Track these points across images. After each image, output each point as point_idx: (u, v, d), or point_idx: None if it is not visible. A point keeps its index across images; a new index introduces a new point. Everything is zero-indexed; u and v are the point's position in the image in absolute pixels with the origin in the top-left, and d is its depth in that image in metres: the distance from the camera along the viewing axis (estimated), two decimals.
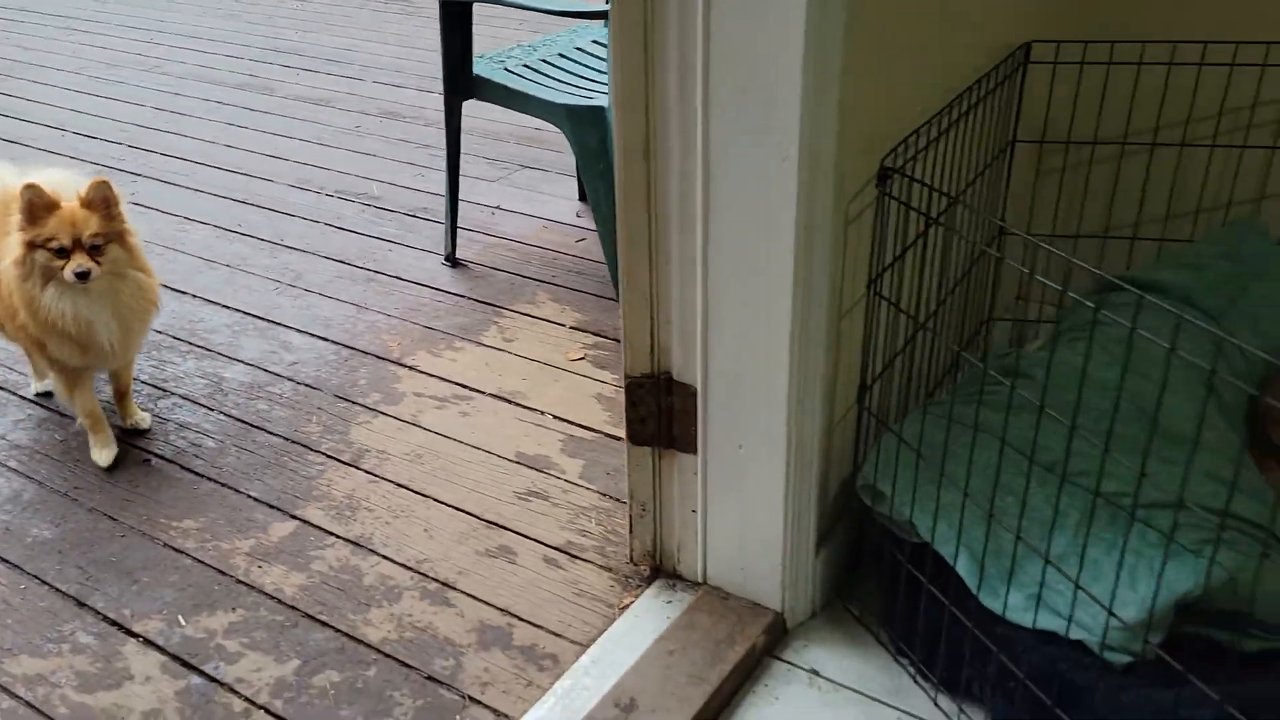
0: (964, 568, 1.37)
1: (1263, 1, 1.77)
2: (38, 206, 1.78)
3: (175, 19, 5.43)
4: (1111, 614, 1.24)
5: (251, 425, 2.08)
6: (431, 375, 2.23)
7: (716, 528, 1.54)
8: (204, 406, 2.14)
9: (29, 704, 1.48)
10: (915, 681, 1.45)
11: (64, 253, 1.79)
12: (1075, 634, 1.30)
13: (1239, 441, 1.54)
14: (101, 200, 1.83)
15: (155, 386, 2.21)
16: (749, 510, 1.49)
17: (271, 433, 2.06)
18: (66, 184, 1.88)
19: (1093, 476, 1.31)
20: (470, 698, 1.47)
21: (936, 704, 1.41)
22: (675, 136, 1.31)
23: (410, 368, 2.27)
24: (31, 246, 1.80)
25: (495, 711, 1.45)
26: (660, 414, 1.50)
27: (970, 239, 1.75)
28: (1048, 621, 1.32)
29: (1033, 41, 1.81)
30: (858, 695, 1.44)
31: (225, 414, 2.11)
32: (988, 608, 1.35)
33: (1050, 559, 1.29)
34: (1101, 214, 1.96)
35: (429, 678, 1.50)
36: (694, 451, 1.50)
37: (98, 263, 1.82)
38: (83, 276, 1.80)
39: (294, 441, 2.03)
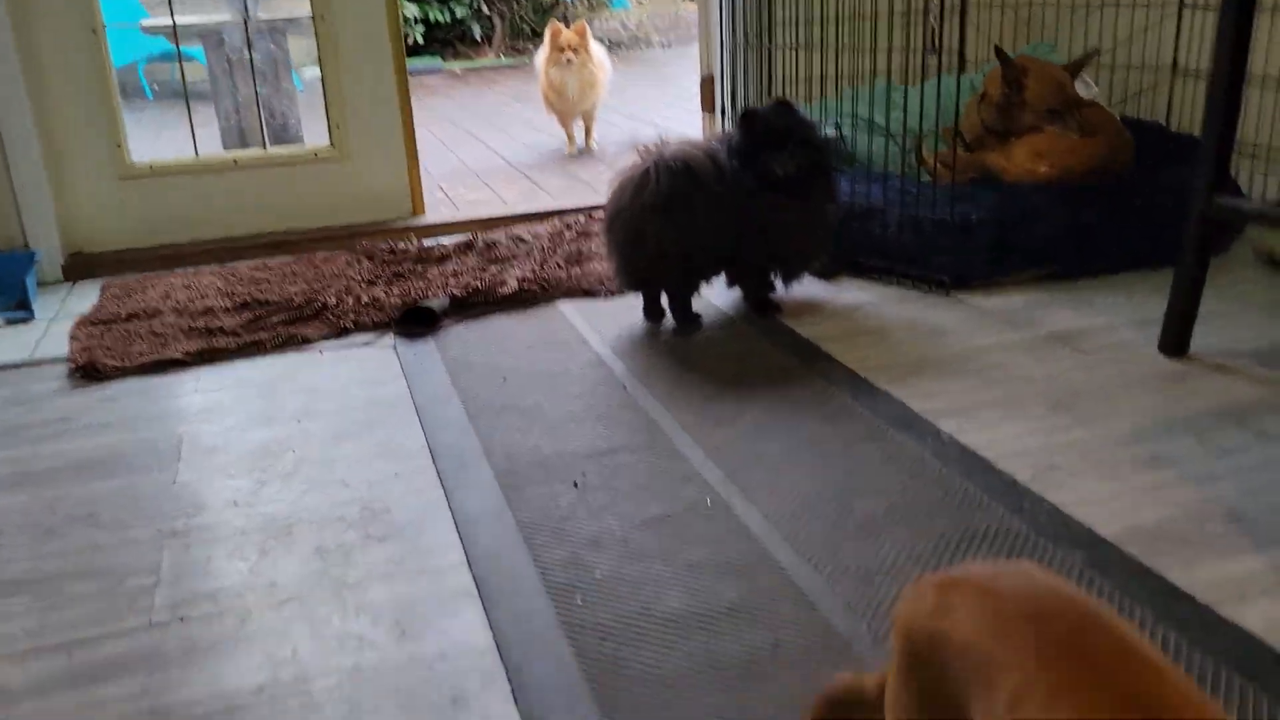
0: None
1: None
2: (556, 32, 4.34)
3: None
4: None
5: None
6: None
7: None
8: (616, 151, 4.54)
9: None
10: None
11: (562, 50, 4.31)
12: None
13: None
14: (581, 31, 4.32)
15: (607, 140, 4.67)
16: None
17: None
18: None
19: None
20: None
21: None
22: None
23: None
24: (553, 49, 4.35)
25: None
26: (709, 93, 3.51)
27: None
28: None
29: None
30: None
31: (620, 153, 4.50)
32: None
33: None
34: None
35: None
36: (713, 111, 3.48)
37: (575, 55, 4.31)
38: (569, 61, 4.30)
39: None
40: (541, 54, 4.49)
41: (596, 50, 4.43)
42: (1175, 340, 1.97)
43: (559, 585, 1.40)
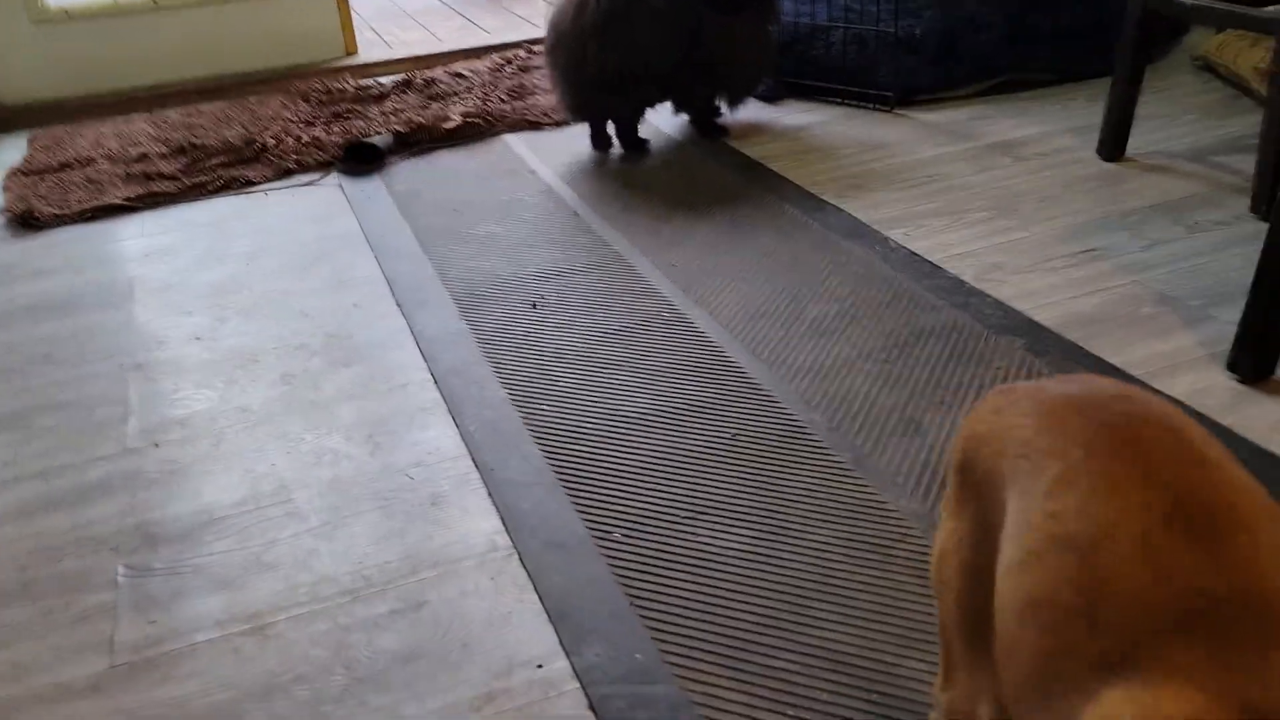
0: None
1: None
2: None
3: None
4: None
5: None
6: None
7: None
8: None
9: None
10: None
11: None
12: None
13: None
14: None
15: None
16: None
17: None
18: None
19: None
20: None
21: None
22: None
23: None
24: None
25: None
26: None
27: None
28: None
29: None
30: None
31: None
32: None
33: None
34: None
35: None
36: None
37: None
38: None
39: None
40: None
41: None
42: (1112, 143, 2.01)
43: (524, 396, 1.45)
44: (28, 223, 2.13)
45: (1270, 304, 1.29)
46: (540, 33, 3.47)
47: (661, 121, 2.47)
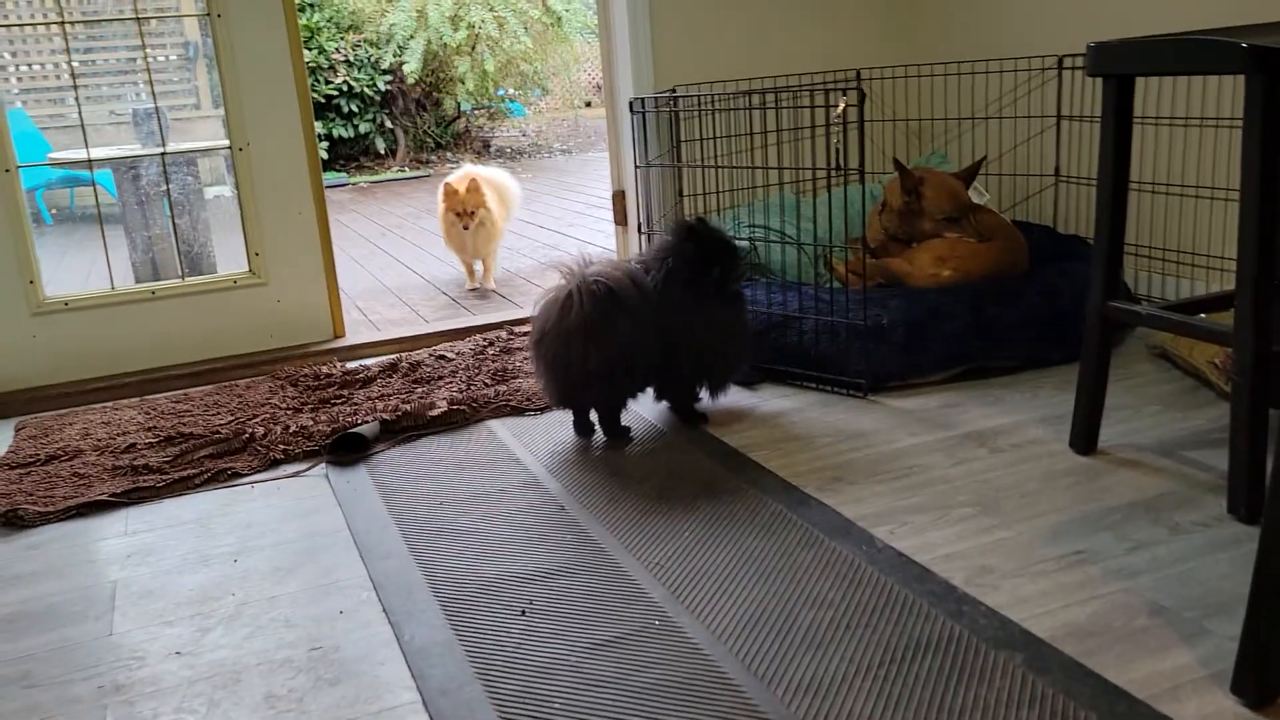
0: None
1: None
2: (450, 194, 4.37)
3: None
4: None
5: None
6: None
7: None
8: (531, 272, 4.60)
9: None
10: None
11: (459, 215, 4.35)
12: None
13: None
14: (474, 188, 4.38)
15: (522, 265, 4.73)
16: None
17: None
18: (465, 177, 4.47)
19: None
20: None
21: None
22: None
23: None
24: (448, 209, 4.38)
25: None
26: (620, 207, 3.61)
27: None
28: None
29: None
30: None
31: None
32: None
33: None
34: None
35: None
36: (625, 225, 3.58)
37: (471, 219, 4.33)
38: (465, 227, 4.33)
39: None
40: (439, 207, 4.44)
41: (495, 183, 4.42)
42: (1084, 436, 2.08)
43: (516, 718, 1.41)
44: (12, 522, 2.12)
45: (1269, 626, 1.30)
46: (517, 310, 3.61)
47: (643, 408, 2.53)
